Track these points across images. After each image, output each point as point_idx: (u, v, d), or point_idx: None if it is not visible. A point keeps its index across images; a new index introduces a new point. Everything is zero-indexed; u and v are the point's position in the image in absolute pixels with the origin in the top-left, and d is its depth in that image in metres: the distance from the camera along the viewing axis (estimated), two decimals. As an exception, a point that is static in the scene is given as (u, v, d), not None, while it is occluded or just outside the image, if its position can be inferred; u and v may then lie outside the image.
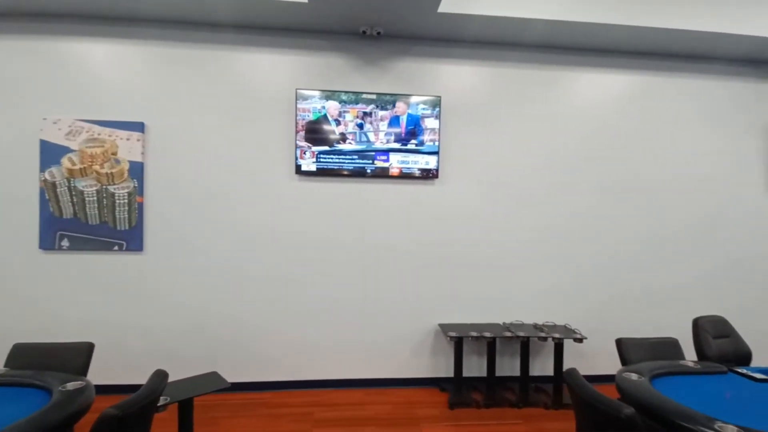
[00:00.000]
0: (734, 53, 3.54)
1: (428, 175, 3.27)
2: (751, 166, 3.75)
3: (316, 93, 3.13)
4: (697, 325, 2.51)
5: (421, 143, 3.23)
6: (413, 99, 3.21)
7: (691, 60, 3.66)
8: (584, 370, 3.49)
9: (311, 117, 3.12)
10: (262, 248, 3.27)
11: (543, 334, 3.18)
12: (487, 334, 3.14)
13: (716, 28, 3.18)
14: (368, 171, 3.22)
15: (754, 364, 2.44)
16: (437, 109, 3.22)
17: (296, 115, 3.12)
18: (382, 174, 3.24)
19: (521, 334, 3.16)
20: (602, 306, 3.59)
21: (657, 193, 3.64)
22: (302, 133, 3.13)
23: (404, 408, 3.08)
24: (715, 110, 3.70)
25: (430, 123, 3.22)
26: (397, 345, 3.44)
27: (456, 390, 3.24)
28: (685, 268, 3.67)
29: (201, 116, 3.20)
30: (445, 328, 3.29)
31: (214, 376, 2.33)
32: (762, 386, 1.96)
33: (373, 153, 3.20)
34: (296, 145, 3.14)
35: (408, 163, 3.23)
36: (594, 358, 3.53)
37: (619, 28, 3.15)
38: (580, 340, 3.18)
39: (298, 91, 3.12)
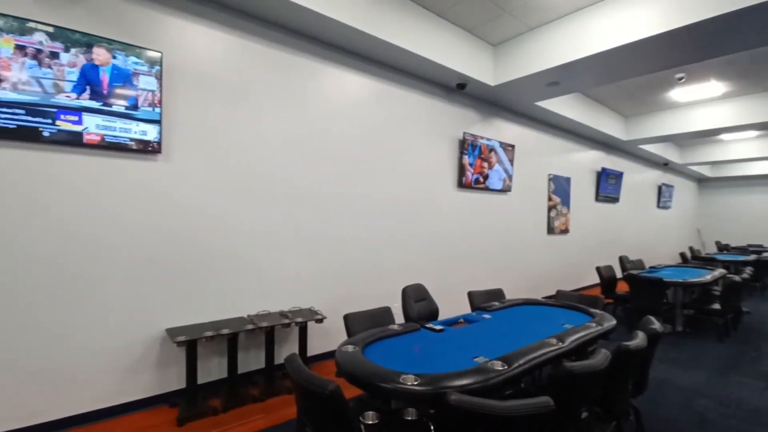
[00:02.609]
0: (434, 77, 4.48)
1: (146, 148, 2.64)
2: (445, 166, 4.89)
3: (-67, 1, 1.97)
4: (404, 292, 3.01)
5: (135, 107, 2.56)
6: (120, 47, 2.49)
7: (410, 77, 4.42)
8: (329, 347, 3.78)
9: None
10: None
11: (287, 321, 3.14)
12: (226, 331, 2.84)
13: (427, 55, 3.92)
14: (46, 134, 2.30)
15: (440, 317, 3.12)
16: (158, 67, 2.63)
17: None
18: (71, 140, 2.38)
19: (264, 324, 3.02)
20: (342, 285, 3.89)
21: (383, 182, 4.23)
22: None
23: (109, 445, 2.40)
24: (424, 120, 4.61)
25: (147, 83, 2.59)
26: (106, 365, 2.67)
27: (189, 402, 2.80)
28: (402, 246, 4.43)
29: None
30: (173, 332, 2.78)
31: None
32: (440, 335, 2.47)
33: (55, 110, 2.31)
34: None
35: (114, 129, 2.50)
36: (337, 334, 3.79)
37: (362, 35, 3.44)
38: (321, 321, 3.32)
39: None
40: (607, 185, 8.21)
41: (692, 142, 10.05)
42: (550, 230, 6.77)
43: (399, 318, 3.00)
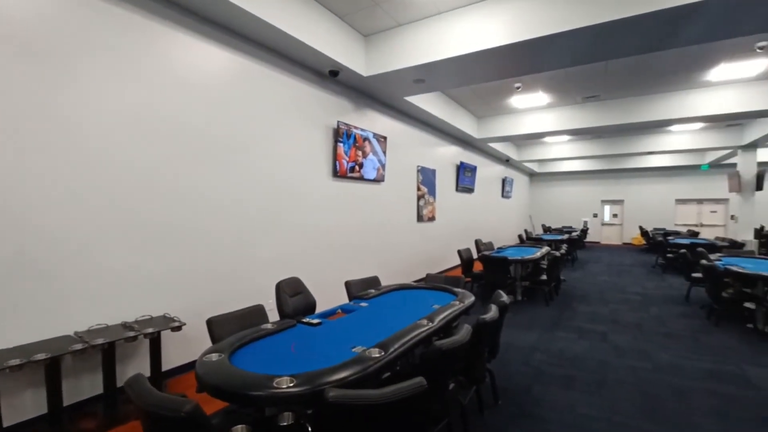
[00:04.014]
0: (306, 61, 4.29)
1: None
2: (320, 154, 4.77)
3: None
4: (279, 287, 2.82)
5: None
6: None
7: (282, 57, 4.13)
8: (192, 357, 3.32)
9: None
10: None
11: (132, 333, 2.63)
12: (41, 356, 2.22)
13: (298, 36, 3.69)
14: None
15: (318, 310, 3.02)
16: None
17: None
18: None
19: (99, 341, 2.46)
20: (206, 285, 3.46)
21: (252, 169, 3.89)
22: None
23: None
24: (297, 105, 4.40)
25: None
26: None
27: (-15, 456, 2.11)
28: (276, 239, 4.18)
29: None
30: (-47, 368, 2.04)
31: None
32: (318, 329, 2.38)
33: None
34: None
35: None
36: (202, 341, 3.35)
37: (226, 2, 3.05)
38: (179, 328, 2.88)
39: None
40: (465, 177, 9.25)
41: (526, 143, 12.09)
42: (420, 218, 7.30)
43: (274, 316, 2.81)
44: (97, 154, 2.71)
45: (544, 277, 5.96)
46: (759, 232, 10.61)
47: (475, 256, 6.55)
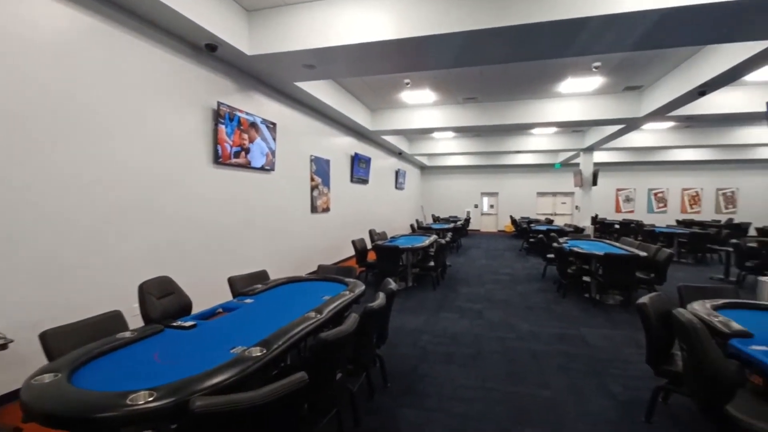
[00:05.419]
0: (179, 31, 3.78)
1: None
2: (197, 139, 4.28)
3: None
4: (142, 289, 2.45)
5: None
6: None
7: (143, 21, 3.56)
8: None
9: None
10: None
11: (-74, 361, 2.01)
12: None
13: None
14: None
15: (195, 310, 2.72)
16: None
17: None
18: None
19: None
20: (45, 289, 2.83)
21: (107, 152, 3.31)
22: None
23: None
24: (166, 80, 3.85)
25: None
26: None
27: None
28: (141, 233, 3.64)
29: None
30: None
31: None
32: (191, 332, 2.13)
33: None
34: None
35: None
36: (37, 360, 2.75)
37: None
38: (4, 346, 2.30)
39: None
40: (359, 168, 9.37)
41: (416, 137, 12.78)
42: (314, 209, 7.16)
43: (139, 322, 2.44)
44: None
45: (432, 263, 6.40)
46: (594, 219, 13.08)
47: (369, 245, 6.70)
